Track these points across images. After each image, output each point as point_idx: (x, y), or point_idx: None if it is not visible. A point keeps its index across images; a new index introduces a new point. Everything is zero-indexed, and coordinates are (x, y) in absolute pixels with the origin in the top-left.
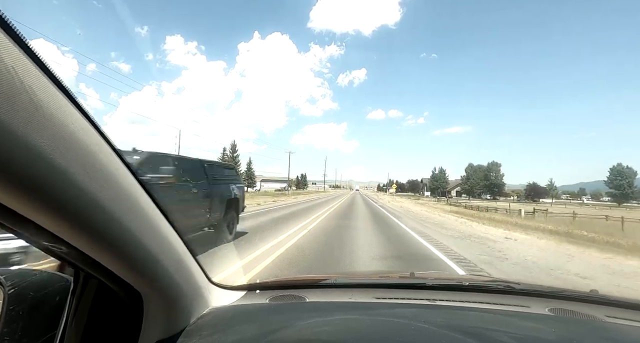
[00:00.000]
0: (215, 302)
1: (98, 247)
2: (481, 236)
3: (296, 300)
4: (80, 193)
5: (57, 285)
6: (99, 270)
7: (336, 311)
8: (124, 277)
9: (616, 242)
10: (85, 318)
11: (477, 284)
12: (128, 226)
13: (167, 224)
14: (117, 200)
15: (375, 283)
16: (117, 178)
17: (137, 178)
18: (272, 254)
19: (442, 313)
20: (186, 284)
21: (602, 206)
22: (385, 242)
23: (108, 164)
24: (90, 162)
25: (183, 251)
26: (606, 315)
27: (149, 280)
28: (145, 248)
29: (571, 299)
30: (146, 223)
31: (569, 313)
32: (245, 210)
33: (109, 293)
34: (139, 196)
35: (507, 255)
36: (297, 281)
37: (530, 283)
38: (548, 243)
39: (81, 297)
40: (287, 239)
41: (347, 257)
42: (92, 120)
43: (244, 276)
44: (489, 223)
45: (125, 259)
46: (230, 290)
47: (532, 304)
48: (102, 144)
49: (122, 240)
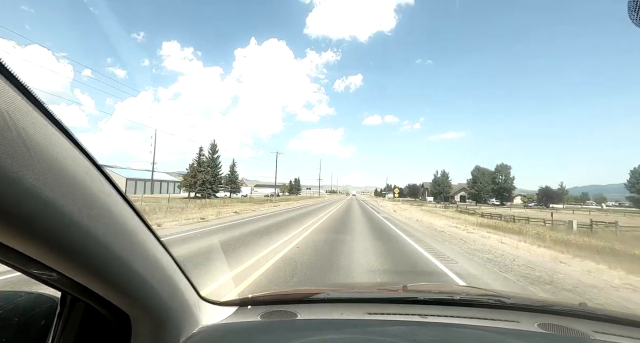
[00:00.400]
0: (205, 319)
1: (86, 273)
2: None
3: (288, 317)
4: (71, 224)
5: (44, 307)
6: (86, 294)
7: (328, 329)
8: (112, 300)
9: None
10: (72, 341)
11: (469, 298)
12: (118, 252)
13: (155, 242)
14: (107, 227)
15: (367, 298)
16: (107, 204)
17: (125, 199)
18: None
19: (432, 331)
20: (175, 303)
21: (631, 212)
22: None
23: (98, 192)
24: (80, 192)
25: (172, 268)
26: (593, 330)
27: (137, 302)
28: (134, 271)
29: (560, 314)
30: (135, 245)
31: (557, 328)
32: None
33: (96, 315)
34: (128, 218)
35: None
36: (289, 295)
37: (521, 297)
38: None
39: (68, 320)
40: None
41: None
42: (81, 145)
43: (235, 288)
44: (587, 254)
45: (113, 283)
46: (221, 305)
47: (522, 319)
48: (92, 170)
49: (111, 265)
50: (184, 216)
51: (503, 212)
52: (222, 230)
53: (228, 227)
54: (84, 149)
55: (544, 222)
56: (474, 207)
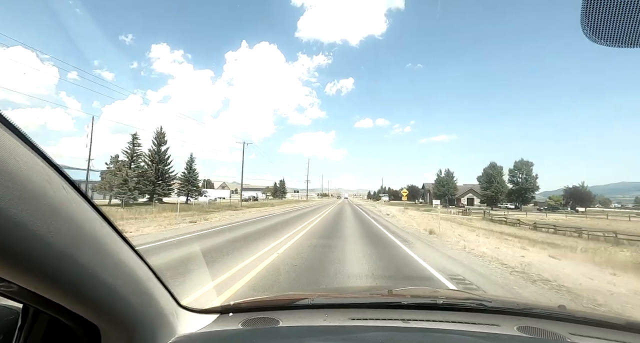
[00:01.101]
0: (183, 328)
1: (48, 285)
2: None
3: (270, 325)
4: (28, 234)
5: (5, 320)
6: (49, 306)
7: (310, 336)
8: (78, 311)
9: None
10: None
11: (451, 302)
12: (84, 262)
13: (127, 249)
14: (71, 236)
15: (351, 303)
16: (71, 211)
17: (91, 204)
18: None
19: (413, 336)
20: (149, 311)
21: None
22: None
23: (60, 199)
24: (37, 199)
25: (146, 276)
26: (570, 332)
27: (106, 313)
28: (103, 281)
29: (540, 316)
30: (105, 254)
31: (535, 331)
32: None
33: (62, 327)
34: (96, 226)
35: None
36: (272, 302)
37: (503, 300)
38: None
39: (30, 333)
40: None
41: None
42: (39, 149)
43: (217, 297)
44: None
45: (79, 294)
46: (201, 313)
47: (502, 322)
48: (52, 175)
49: (76, 276)
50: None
51: (537, 219)
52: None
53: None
54: (43, 152)
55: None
56: (496, 212)
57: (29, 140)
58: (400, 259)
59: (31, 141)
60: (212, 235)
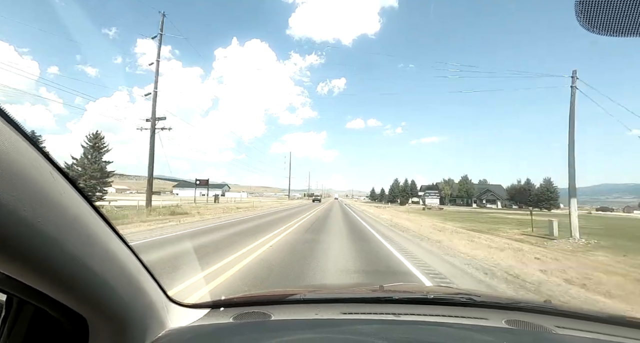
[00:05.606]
0: (173, 322)
1: (34, 274)
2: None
3: (261, 318)
4: (13, 218)
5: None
6: (35, 296)
7: (302, 329)
8: (65, 302)
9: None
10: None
11: (441, 297)
12: (73, 251)
13: (118, 242)
14: (59, 225)
15: (343, 297)
16: (60, 200)
17: (81, 192)
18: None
19: (404, 329)
20: (139, 305)
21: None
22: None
23: (48, 187)
24: (24, 185)
25: (136, 269)
26: (556, 325)
27: (95, 305)
28: (92, 271)
29: (527, 310)
30: (95, 245)
31: (522, 324)
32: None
33: (47, 318)
34: (87, 217)
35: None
36: (264, 297)
37: (491, 295)
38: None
39: (14, 325)
40: None
41: None
42: (29, 137)
43: (208, 291)
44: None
45: (66, 285)
46: (192, 308)
47: (491, 316)
48: (41, 162)
49: (64, 266)
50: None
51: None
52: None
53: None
54: (30, 136)
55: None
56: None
57: (16, 124)
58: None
59: (18, 124)
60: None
